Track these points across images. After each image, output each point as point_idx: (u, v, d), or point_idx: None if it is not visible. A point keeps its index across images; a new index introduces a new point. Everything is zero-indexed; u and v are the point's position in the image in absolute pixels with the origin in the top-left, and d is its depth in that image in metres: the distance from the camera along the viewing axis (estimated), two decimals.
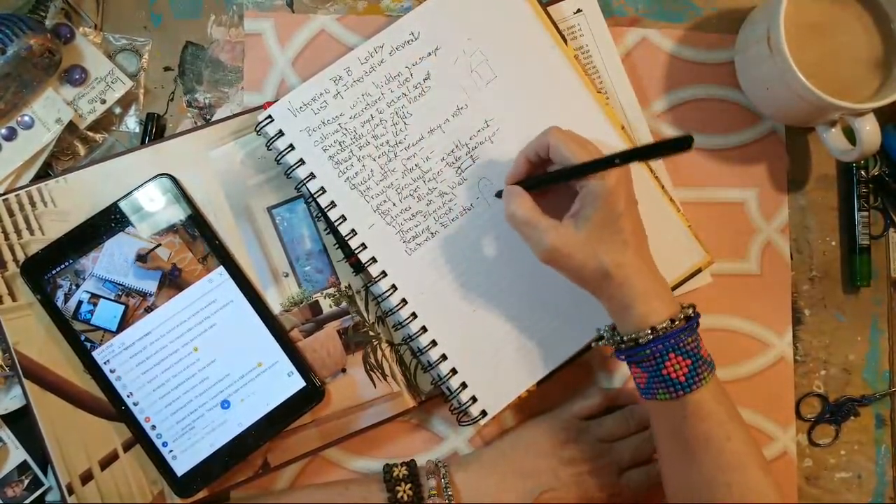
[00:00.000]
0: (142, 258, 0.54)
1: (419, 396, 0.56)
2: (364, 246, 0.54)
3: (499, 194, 0.55)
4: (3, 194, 0.55)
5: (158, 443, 0.54)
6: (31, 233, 0.54)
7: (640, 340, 0.46)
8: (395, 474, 0.53)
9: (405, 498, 0.52)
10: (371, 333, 0.56)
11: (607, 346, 0.49)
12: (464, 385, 0.54)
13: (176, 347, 0.54)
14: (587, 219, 0.47)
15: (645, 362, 0.47)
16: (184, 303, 0.54)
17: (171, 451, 0.54)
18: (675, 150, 0.42)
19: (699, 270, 0.57)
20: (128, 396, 0.54)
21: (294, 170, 0.54)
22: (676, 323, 0.46)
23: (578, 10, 0.59)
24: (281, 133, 0.54)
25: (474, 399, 0.54)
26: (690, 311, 0.48)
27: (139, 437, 0.54)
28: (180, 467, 0.54)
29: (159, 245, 0.54)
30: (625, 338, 0.47)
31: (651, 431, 0.56)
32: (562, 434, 0.55)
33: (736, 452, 0.46)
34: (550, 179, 0.50)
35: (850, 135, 0.55)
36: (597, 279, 0.47)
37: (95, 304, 0.54)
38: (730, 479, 0.46)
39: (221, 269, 0.55)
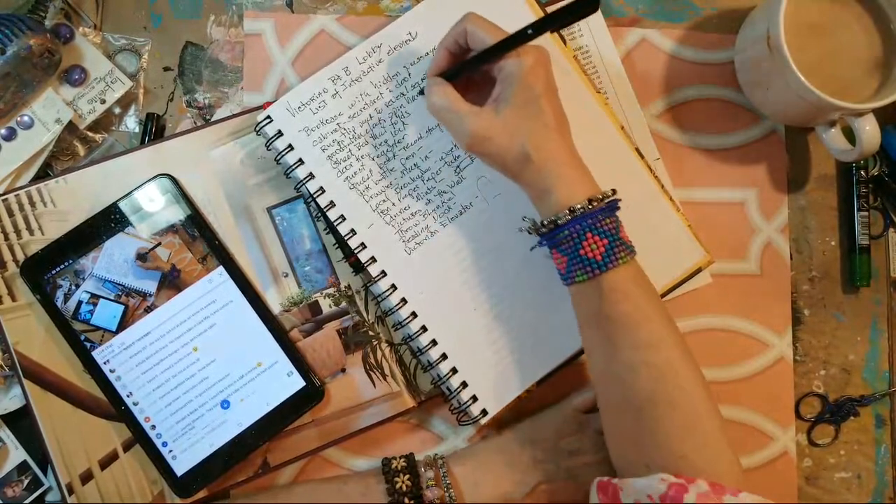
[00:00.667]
0: (142, 257, 0.54)
1: (419, 396, 0.56)
2: (363, 245, 0.54)
3: (421, 91, 0.54)
4: (3, 194, 0.55)
5: (158, 443, 0.54)
6: (31, 233, 0.55)
7: (559, 222, 0.47)
8: (393, 466, 0.54)
9: (404, 489, 0.52)
10: (371, 333, 0.56)
11: (531, 234, 0.49)
12: (464, 384, 0.54)
13: (176, 347, 0.54)
14: (506, 101, 0.47)
15: (564, 244, 0.47)
16: (183, 303, 0.54)
17: (170, 451, 0.54)
18: (583, 11, 0.44)
19: (699, 270, 0.57)
20: (127, 396, 0.54)
21: (293, 170, 0.54)
22: (594, 204, 0.46)
23: None
24: (280, 133, 0.54)
25: (474, 398, 0.54)
26: (610, 192, 0.48)
27: (139, 437, 0.54)
28: (180, 467, 0.54)
29: (159, 244, 0.54)
30: (545, 221, 0.47)
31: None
32: (562, 427, 0.55)
33: (653, 331, 0.46)
34: (469, 65, 0.50)
35: (850, 135, 0.55)
36: (518, 163, 0.48)
37: (95, 304, 0.54)
38: (646, 357, 0.45)
39: (221, 269, 0.55)
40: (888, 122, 0.60)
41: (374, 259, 0.54)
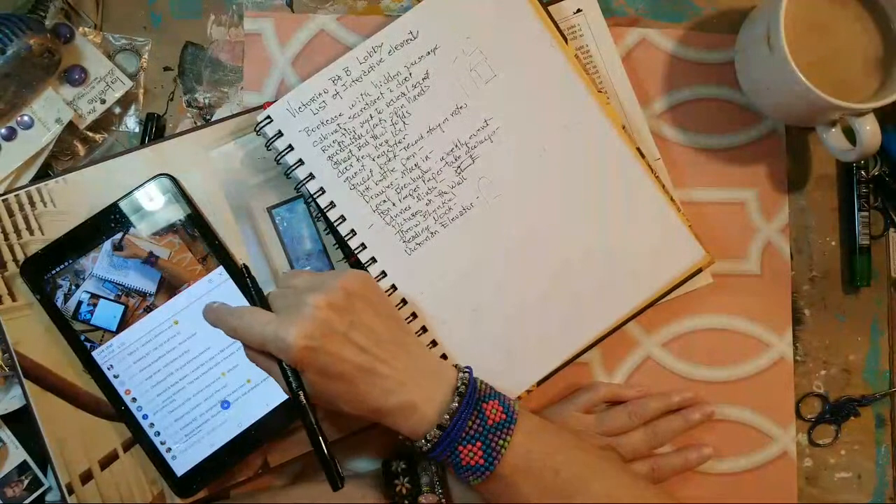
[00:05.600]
0: (117, 247, 0.54)
1: None
2: (364, 246, 0.54)
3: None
4: (3, 194, 0.55)
5: (158, 443, 0.54)
6: (31, 233, 0.55)
7: (423, 450, 0.46)
8: (393, 468, 0.53)
9: (403, 492, 0.52)
10: None
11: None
12: None
13: (175, 347, 0.54)
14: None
15: (444, 459, 0.47)
16: (183, 303, 0.54)
17: (170, 451, 0.54)
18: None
19: (699, 270, 0.57)
20: (127, 396, 0.54)
21: (293, 170, 0.54)
22: (443, 425, 0.45)
23: (578, 10, 0.59)
24: (280, 133, 0.54)
25: None
26: (455, 403, 0.46)
27: (139, 437, 0.54)
28: (180, 467, 0.54)
29: (128, 231, 0.54)
30: (416, 444, 0.47)
31: (653, 426, 0.56)
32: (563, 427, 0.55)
33: (569, 480, 0.47)
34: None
35: (850, 135, 0.55)
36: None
37: (95, 304, 0.54)
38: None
39: (221, 269, 0.55)
40: (888, 122, 0.60)
41: (374, 259, 0.54)
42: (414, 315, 0.54)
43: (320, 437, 0.45)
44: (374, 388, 0.45)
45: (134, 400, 0.54)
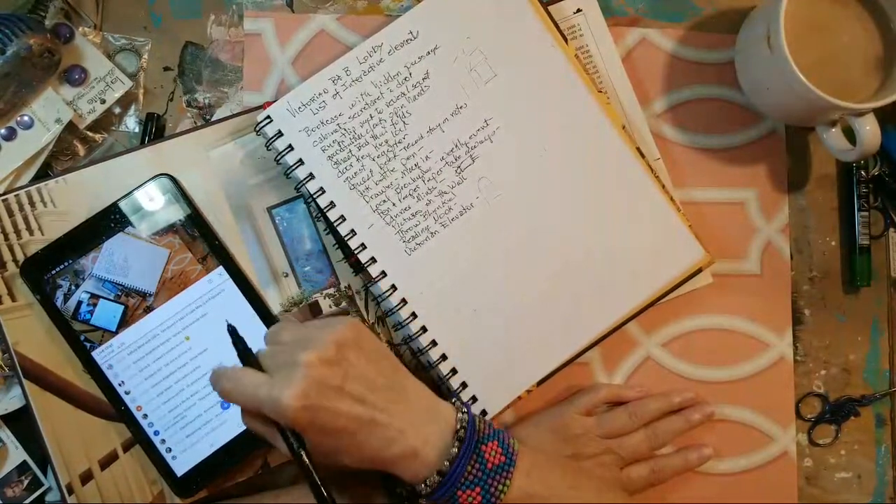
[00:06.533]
0: None
1: None
2: (363, 246, 0.54)
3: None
4: (3, 194, 0.55)
5: (158, 443, 0.54)
6: (31, 233, 0.55)
7: (423, 493, 0.45)
8: None
9: (403, 493, 0.52)
10: None
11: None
12: (464, 385, 0.54)
13: (175, 347, 0.54)
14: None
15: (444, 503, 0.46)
16: (183, 303, 0.54)
17: (170, 451, 0.54)
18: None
19: (699, 270, 0.57)
20: (127, 396, 0.54)
21: (293, 170, 0.54)
22: (442, 471, 0.45)
23: (578, 10, 0.59)
24: (280, 133, 0.54)
25: (474, 399, 0.54)
26: (455, 448, 0.45)
27: (139, 437, 0.54)
28: (180, 467, 0.54)
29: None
30: (416, 489, 0.46)
31: (653, 427, 0.56)
32: (563, 430, 0.55)
33: None
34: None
35: (850, 135, 0.55)
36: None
37: (95, 305, 0.54)
38: None
39: (221, 269, 0.55)
40: (888, 122, 0.60)
41: (374, 259, 0.54)
42: (414, 315, 0.54)
43: (325, 494, 0.43)
44: (373, 438, 0.44)
45: (134, 400, 0.54)
